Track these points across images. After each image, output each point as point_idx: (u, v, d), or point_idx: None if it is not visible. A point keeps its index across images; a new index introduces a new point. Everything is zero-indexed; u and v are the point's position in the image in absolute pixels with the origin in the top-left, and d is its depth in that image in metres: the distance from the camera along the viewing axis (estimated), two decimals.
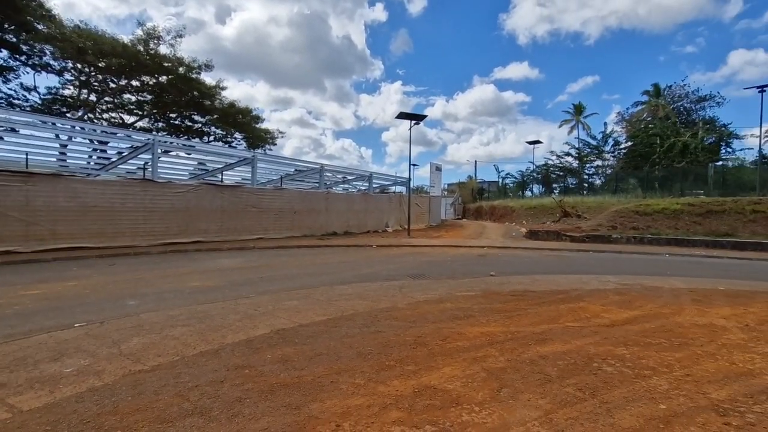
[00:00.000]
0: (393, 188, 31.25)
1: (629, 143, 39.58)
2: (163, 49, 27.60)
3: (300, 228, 17.79)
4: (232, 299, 6.06)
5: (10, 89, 25.25)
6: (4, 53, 24.25)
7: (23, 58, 24.79)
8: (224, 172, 21.07)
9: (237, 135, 34.84)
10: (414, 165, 42.64)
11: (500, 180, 50.01)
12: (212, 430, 2.42)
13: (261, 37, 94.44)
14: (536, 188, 46.25)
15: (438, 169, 32.38)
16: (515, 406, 2.75)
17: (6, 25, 22.70)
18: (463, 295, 6.57)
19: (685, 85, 38.94)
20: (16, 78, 25.36)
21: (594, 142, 43.53)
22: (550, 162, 46.26)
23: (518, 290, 6.96)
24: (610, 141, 42.61)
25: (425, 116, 22.84)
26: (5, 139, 15.13)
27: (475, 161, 63.86)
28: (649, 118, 39.55)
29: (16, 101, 25.30)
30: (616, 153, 42.52)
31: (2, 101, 24.69)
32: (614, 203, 23.21)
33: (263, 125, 35.92)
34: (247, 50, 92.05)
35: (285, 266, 10.16)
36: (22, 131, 15.43)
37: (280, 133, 37.98)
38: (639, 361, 3.61)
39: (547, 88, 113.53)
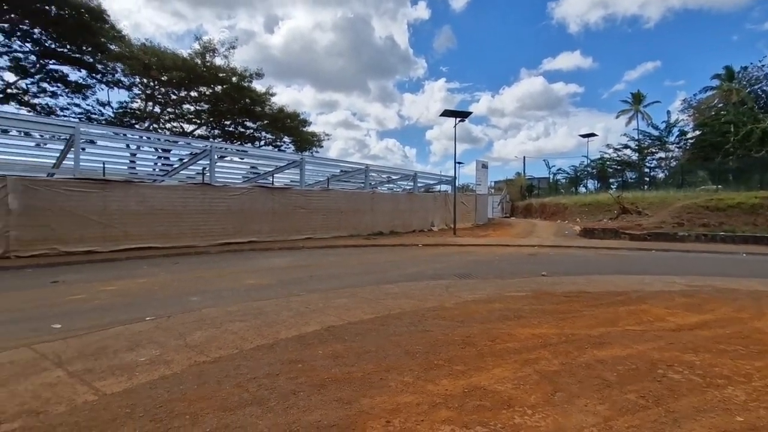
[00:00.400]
0: (438, 187, 30.99)
1: (697, 132, 36.37)
2: (218, 61, 29.38)
3: (346, 228, 18.15)
4: (285, 297, 6.32)
5: (88, 105, 28.13)
6: (83, 72, 26.99)
7: (98, 76, 27.44)
8: (274, 175, 21.98)
9: (285, 139, 36.20)
10: (459, 163, 41.89)
11: (551, 176, 47.94)
12: (269, 420, 2.55)
13: (307, 44, 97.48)
14: (591, 184, 43.84)
15: (484, 166, 31.65)
16: (571, 411, 2.65)
17: (84, 47, 25.20)
18: (512, 295, 6.39)
19: (763, 65, 35.08)
20: (93, 94, 28.23)
21: (656, 133, 40.44)
22: (606, 155, 43.57)
23: (572, 291, 6.65)
24: (675, 131, 39.36)
25: (470, 113, 22.42)
26: (86, 150, 16.79)
27: (524, 157, 61.28)
28: (720, 105, 36.09)
29: (93, 116, 28.04)
30: (681, 144, 39.22)
31: (82, 116, 27.46)
32: (680, 198, 21.42)
33: (310, 128, 37.05)
34: (294, 57, 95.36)
35: (333, 265, 10.42)
36: (99, 142, 17.10)
37: (326, 135, 38.97)
38: (711, 369, 3.33)
39: (601, 77, 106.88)
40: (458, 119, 21.24)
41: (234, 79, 29.71)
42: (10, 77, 25.47)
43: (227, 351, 3.86)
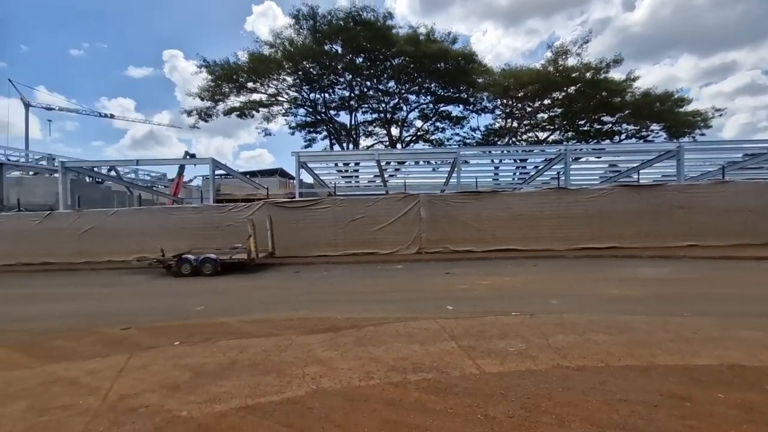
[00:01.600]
0: None
1: None
2: (570, 62, 28.96)
3: (757, 233, 12.98)
4: (659, 315, 5.29)
5: (464, 132, 35.04)
6: (460, 107, 33.95)
7: (470, 107, 33.62)
8: (640, 171, 19.02)
9: (654, 126, 30.69)
10: None
11: None
12: None
13: (681, 3, 78.18)
14: None
15: None
16: None
17: (461, 87, 31.65)
18: None
19: None
20: (467, 123, 34.88)
21: None
22: None
23: None
24: None
25: None
26: (463, 168, 20.97)
27: None
28: None
29: (467, 140, 34.62)
30: None
31: (460, 142, 34.48)
32: None
33: (689, 107, 29.57)
34: (661, 27, 78.89)
35: (734, 284, 7.75)
36: (471, 161, 20.88)
37: (716, 111, 29.82)
38: None
39: None
40: None
41: (587, 74, 28.33)
42: (418, 123, 35.87)
43: (591, 362, 3.66)
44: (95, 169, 20.45)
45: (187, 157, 22.94)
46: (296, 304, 6.81)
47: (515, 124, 33.74)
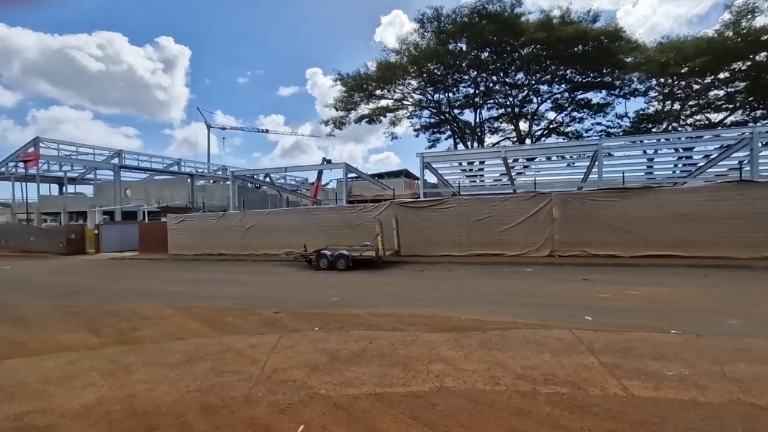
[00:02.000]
0: None
1: None
2: (759, 21, 22.95)
3: None
4: None
5: (608, 121, 30.84)
6: (603, 93, 30.00)
7: (616, 92, 29.40)
8: None
9: None
10: None
11: None
12: None
13: None
14: None
15: None
16: None
17: (603, 70, 27.93)
18: None
19: None
20: (612, 110, 30.60)
21: None
22: None
23: None
24: None
25: None
26: (606, 162, 18.48)
27: None
28: None
29: (611, 130, 30.42)
30: None
31: (602, 133, 30.49)
32: None
33: None
34: None
35: None
36: (615, 153, 18.26)
37: None
38: None
39: None
40: None
41: None
42: (551, 115, 32.97)
43: None
44: (254, 176, 24.32)
45: (325, 162, 25.52)
46: (420, 302, 6.97)
47: (677, 107, 28.29)
